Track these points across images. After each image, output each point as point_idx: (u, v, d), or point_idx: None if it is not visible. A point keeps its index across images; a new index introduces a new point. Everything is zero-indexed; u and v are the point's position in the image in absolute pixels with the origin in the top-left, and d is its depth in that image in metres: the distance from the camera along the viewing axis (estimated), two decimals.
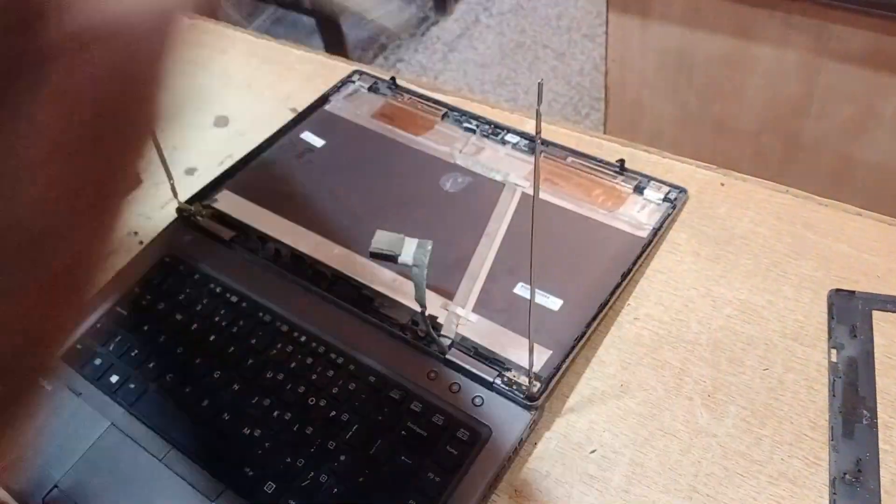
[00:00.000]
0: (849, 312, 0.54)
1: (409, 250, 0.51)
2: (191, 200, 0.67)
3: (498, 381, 0.51)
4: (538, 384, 0.51)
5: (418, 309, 0.54)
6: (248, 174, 0.70)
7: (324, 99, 0.76)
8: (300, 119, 0.74)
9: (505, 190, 0.65)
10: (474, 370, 0.52)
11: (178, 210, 0.66)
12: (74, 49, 0.20)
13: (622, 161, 0.64)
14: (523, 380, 0.51)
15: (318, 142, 0.72)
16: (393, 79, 0.76)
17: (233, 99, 0.81)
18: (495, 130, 0.70)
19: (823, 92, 1.11)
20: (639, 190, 0.63)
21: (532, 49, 2.09)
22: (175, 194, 0.64)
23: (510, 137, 0.69)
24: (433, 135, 0.71)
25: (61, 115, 0.20)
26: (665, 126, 1.30)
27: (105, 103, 0.21)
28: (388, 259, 0.51)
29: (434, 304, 0.57)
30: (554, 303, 0.56)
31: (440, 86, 0.75)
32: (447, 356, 0.54)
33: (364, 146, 0.71)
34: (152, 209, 0.71)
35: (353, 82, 0.78)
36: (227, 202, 0.68)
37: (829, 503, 0.46)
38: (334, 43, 1.95)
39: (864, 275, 0.56)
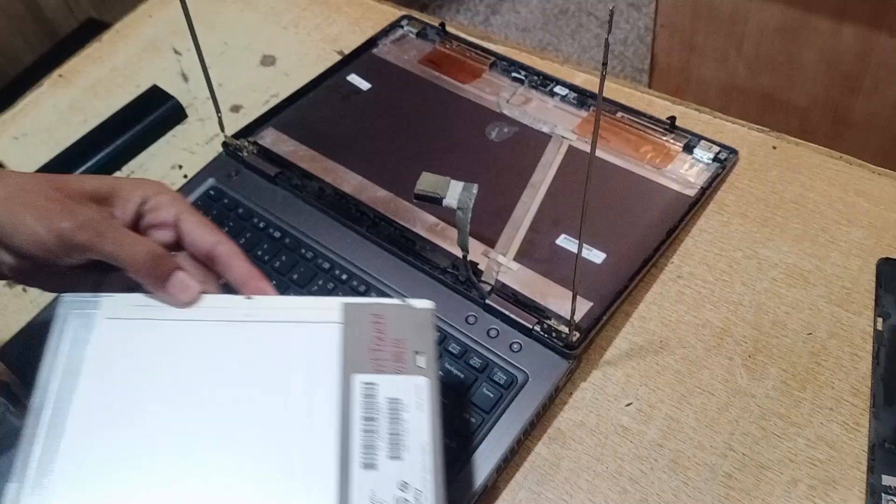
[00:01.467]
0: None
1: (454, 193, 0.50)
2: (236, 136, 0.67)
3: (537, 328, 0.51)
4: (578, 334, 0.50)
5: (460, 254, 0.54)
6: (293, 113, 0.70)
7: (371, 42, 0.75)
8: (347, 61, 0.74)
9: (551, 142, 0.64)
10: (513, 316, 0.52)
11: (224, 144, 0.66)
12: None
13: (673, 119, 0.63)
14: (563, 328, 0.51)
15: (364, 84, 0.71)
16: (442, 24, 0.75)
17: (280, 39, 0.80)
18: (544, 82, 0.69)
19: (877, 69, 1.08)
20: (688, 149, 0.62)
21: (576, 16, 2.05)
22: (222, 128, 0.64)
23: (559, 89, 0.68)
24: (480, 83, 0.70)
25: None
26: (710, 96, 1.28)
27: None
28: (432, 201, 0.50)
29: (475, 251, 0.57)
30: (597, 256, 0.56)
31: (489, 34, 0.74)
32: (487, 301, 0.53)
33: (410, 91, 0.70)
34: (197, 144, 0.72)
35: (402, 27, 0.77)
36: (272, 139, 0.68)
37: (868, 469, 0.45)
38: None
39: None
